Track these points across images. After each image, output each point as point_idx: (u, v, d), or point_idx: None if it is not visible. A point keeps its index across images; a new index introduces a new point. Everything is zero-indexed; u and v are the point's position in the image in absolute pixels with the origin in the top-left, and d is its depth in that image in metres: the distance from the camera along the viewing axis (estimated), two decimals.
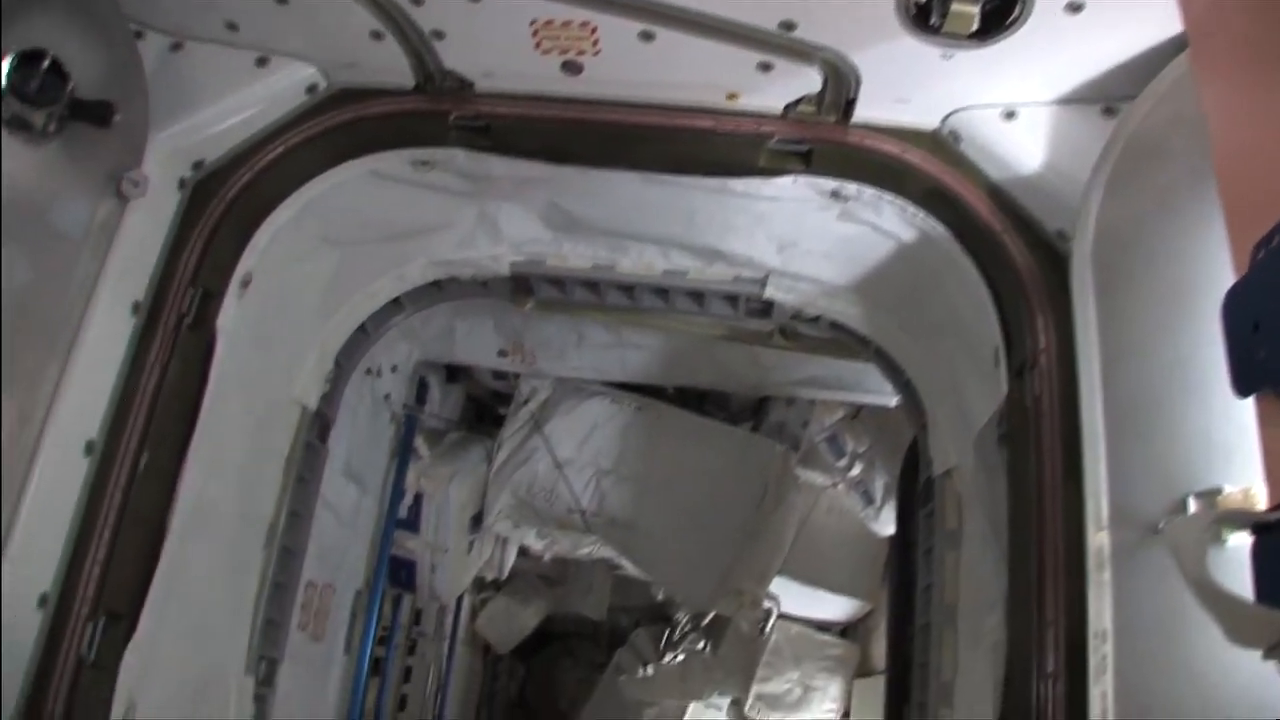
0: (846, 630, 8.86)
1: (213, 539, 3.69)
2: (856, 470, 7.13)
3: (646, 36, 3.25)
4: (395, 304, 4.76)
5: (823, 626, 8.74)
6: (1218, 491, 2.44)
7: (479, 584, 8.89)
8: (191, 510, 3.40)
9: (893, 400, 6.25)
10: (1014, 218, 3.44)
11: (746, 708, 8.56)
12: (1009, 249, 3.42)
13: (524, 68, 3.52)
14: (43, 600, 2.94)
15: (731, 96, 3.57)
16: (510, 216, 4.40)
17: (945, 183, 3.56)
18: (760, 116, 3.61)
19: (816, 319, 4.62)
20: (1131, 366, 2.85)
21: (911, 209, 3.69)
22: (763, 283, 4.40)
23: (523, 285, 4.73)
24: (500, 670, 10.54)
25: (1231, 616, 1.79)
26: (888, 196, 3.70)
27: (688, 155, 3.72)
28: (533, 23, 3.29)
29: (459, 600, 8.40)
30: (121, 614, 3.12)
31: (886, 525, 7.20)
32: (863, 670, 8.58)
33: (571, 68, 3.47)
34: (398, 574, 6.96)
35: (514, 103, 3.70)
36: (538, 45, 3.38)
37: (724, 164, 3.73)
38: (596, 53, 3.39)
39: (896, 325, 4.45)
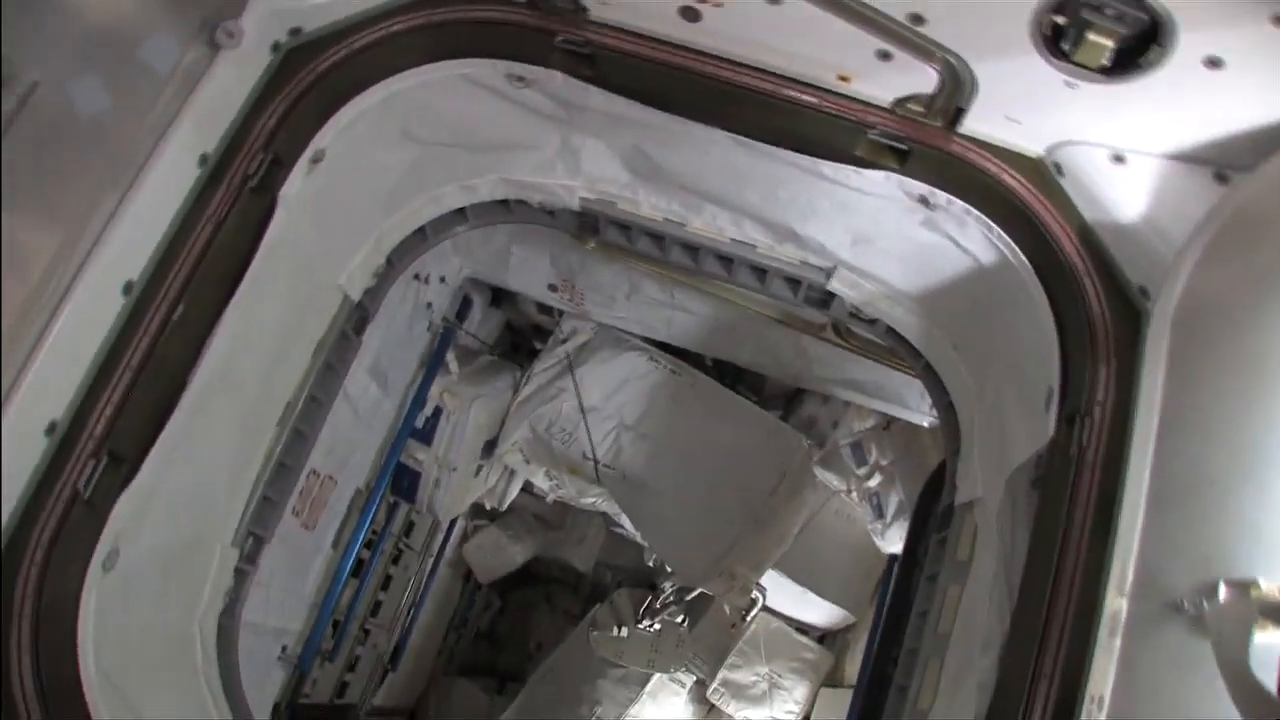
0: (824, 637, 8.84)
1: (229, 406, 3.66)
2: (874, 481, 7.04)
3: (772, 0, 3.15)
4: (459, 214, 4.69)
5: (802, 628, 8.75)
6: (1253, 583, 2.34)
7: (476, 510, 8.91)
8: (214, 372, 3.38)
9: (927, 420, 6.19)
10: (1099, 262, 3.34)
11: (709, 690, 8.57)
12: (1087, 293, 3.32)
13: (642, 1, 3.43)
14: (51, 428, 2.92)
15: (843, 78, 3.47)
16: (593, 151, 4.32)
17: (1037, 212, 3.45)
18: (867, 105, 3.51)
19: (874, 321, 4.53)
20: (1190, 438, 2.75)
21: (997, 231, 3.59)
22: (829, 273, 4.30)
23: (589, 223, 4.66)
24: (477, 599, 10.57)
25: (1258, 710, 1.71)
26: (975, 213, 3.60)
27: (786, 128, 3.64)
28: None
29: (452, 522, 8.40)
30: (124, 458, 3.10)
31: (891, 543, 7.12)
32: (832, 680, 8.56)
33: (690, 14, 3.38)
34: (400, 482, 6.96)
35: (624, 36, 3.61)
36: None
37: (820, 145, 3.66)
38: (719, 3, 3.30)
39: (951, 345, 4.34)
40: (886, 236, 4.02)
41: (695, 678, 8.90)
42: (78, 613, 2.98)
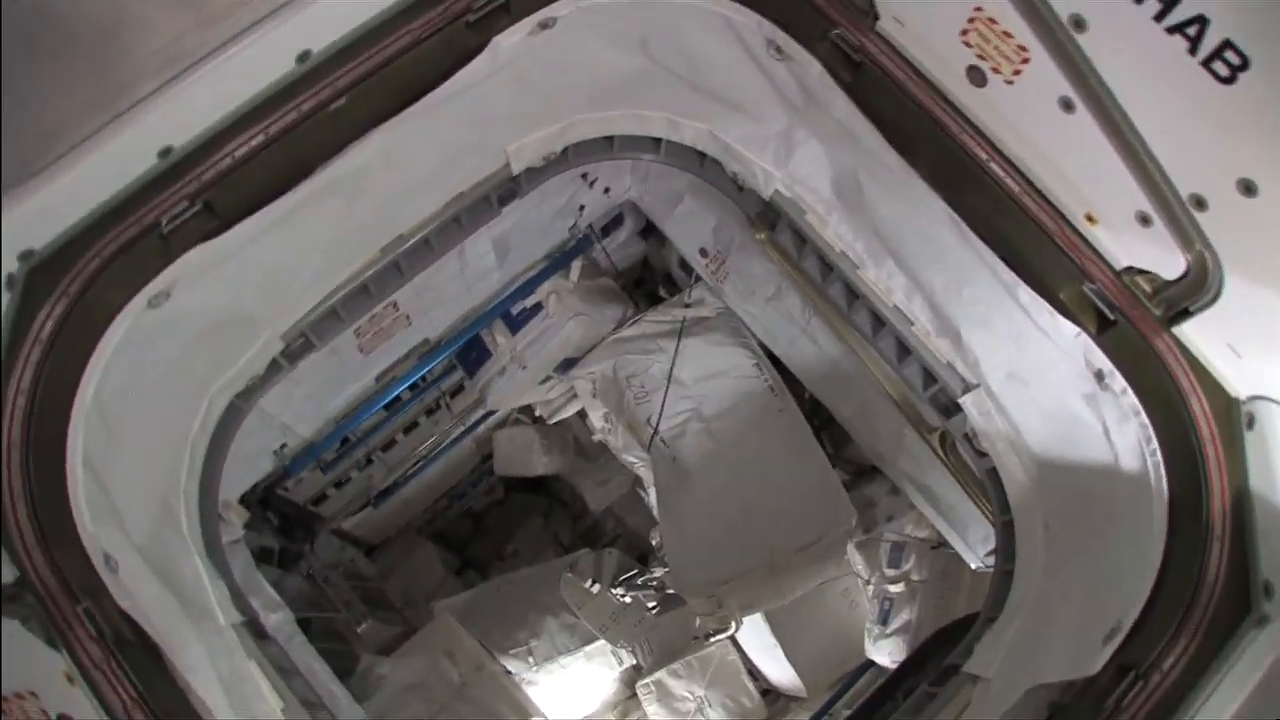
0: (769, 693, 8.61)
1: (342, 213, 3.59)
2: (895, 589, 6.77)
3: (1066, 105, 2.88)
4: (653, 142, 4.51)
5: (754, 674, 8.52)
6: None
7: (523, 407, 8.83)
8: (345, 176, 3.30)
9: (977, 563, 5.89)
10: (1238, 535, 3.05)
11: (640, 682, 8.44)
12: (1210, 558, 3.05)
13: (936, 41, 3.18)
14: (165, 152, 2.91)
15: (1090, 219, 3.21)
16: (810, 154, 4.11)
17: (1205, 451, 3.17)
18: (1099, 258, 3.27)
19: (983, 455, 4.25)
20: None
21: (1154, 446, 3.31)
22: (969, 389, 4.03)
23: (769, 216, 4.46)
24: (483, 483, 10.59)
25: None
26: (1144, 419, 3.32)
27: (1007, 234, 3.44)
28: (977, 10, 2.95)
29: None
30: (218, 214, 3.05)
31: (878, 652, 6.90)
32: None
33: (977, 77, 3.13)
34: (468, 354, 6.89)
35: (899, 63, 3.40)
36: (964, 34, 3.05)
37: (1030, 268, 3.42)
38: (1010, 80, 3.04)
39: (1044, 521, 4.05)
40: (1043, 388, 3.74)
41: (634, 663, 8.76)
42: (105, 331, 2.92)
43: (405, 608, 9.20)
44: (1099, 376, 3.40)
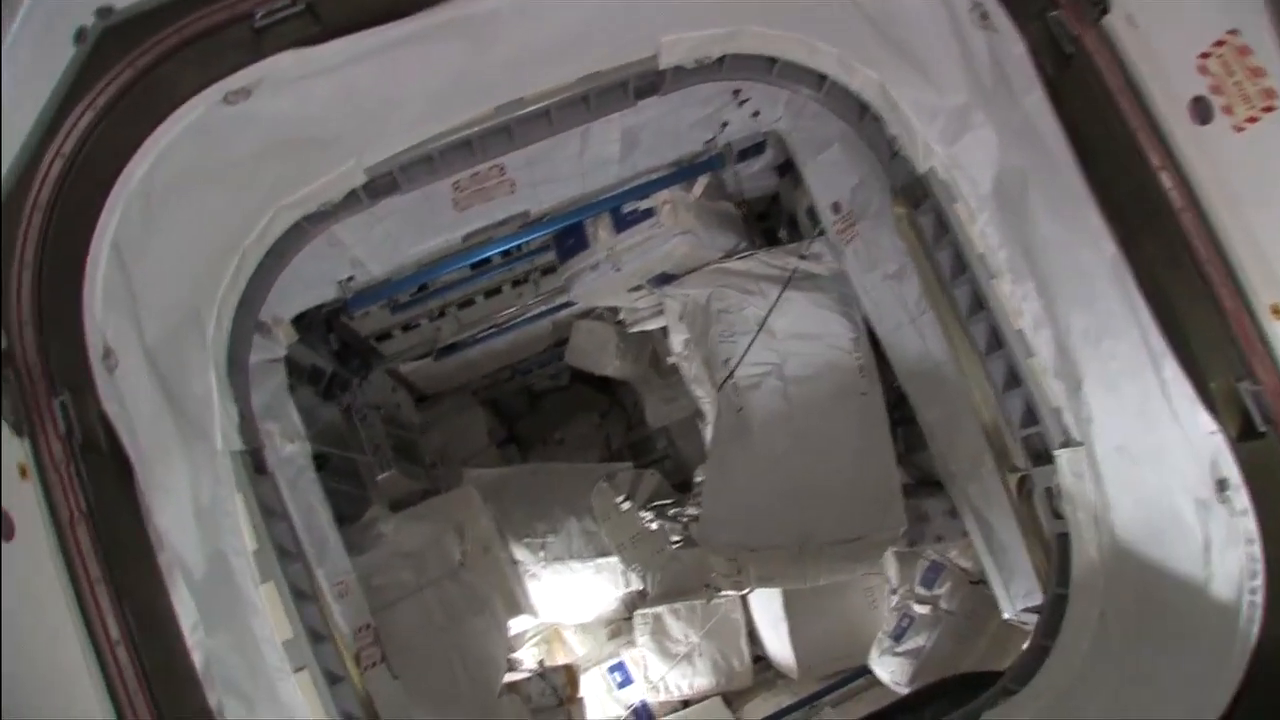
0: (760, 660, 8.40)
1: (469, 50, 3.31)
2: (920, 609, 6.43)
3: None
4: (818, 79, 4.11)
5: (753, 638, 8.32)
6: None
7: (608, 307, 8.58)
8: (479, 9, 3.07)
9: (1011, 614, 5.52)
10: None
11: (639, 610, 8.33)
12: None
13: (1167, 56, 2.84)
14: None
15: (1276, 312, 2.76)
16: (979, 140, 3.70)
17: None
18: (1271, 358, 2.86)
19: (1059, 517, 3.87)
20: None
21: (1259, 584, 3.02)
22: (1069, 443, 3.68)
23: (914, 192, 4.14)
24: (549, 367, 10.47)
25: None
26: (1257, 549, 3.00)
27: (1174, 297, 3.15)
28: (1231, 33, 2.49)
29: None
30: (322, 21, 2.78)
31: (881, 665, 6.65)
32: (729, 698, 8.21)
33: (1201, 110, 2.74)
34: (566, 239, 6.59)
35: (1114, 70, 3.01)
36: (1204, 57, 2.67)
37: (1188, 342, 3.14)
38: (1241, 127, 2.69)
39: (1100, 610, 3.66)
40: (1153, 474, 3.35)
41: (641, 589, 8.61)
42: (169, 114, 2.66)
43: (436, 466, 9.14)
44: (1221, 486, 2.99)
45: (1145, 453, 3.32)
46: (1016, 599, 5.48)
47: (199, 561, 3.02)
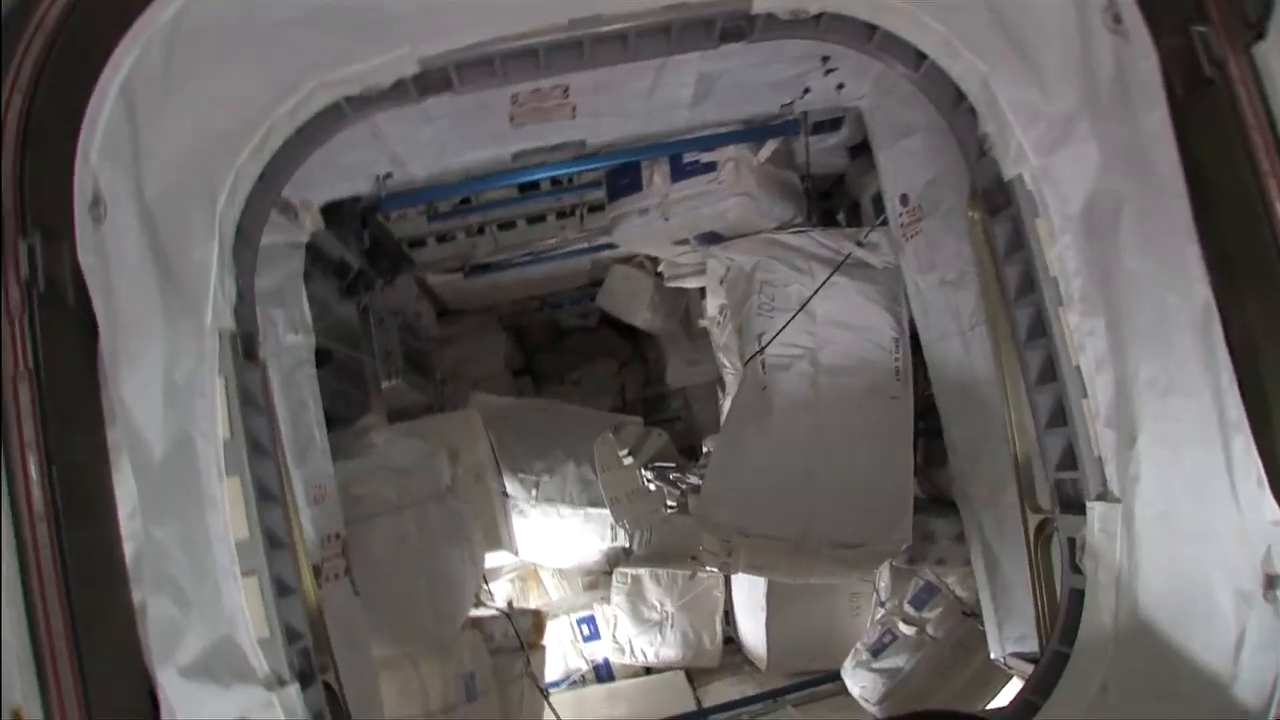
0: (731, 642, 8.28)
1: None
2: (905, 629, 6.20)
3: None
4: (918, 56, 3.75)
5: (729, 619, 8.19)
6: None
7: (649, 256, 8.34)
8: None
9: (999, 655, 5.29)
10: None
11: (620, 567, 8.22)
12: None
13: None
14: None
15: None
16: (1079, 154, 3.37)
17: None
18: None
19: (1079, 572, 3.60)
20: None
21: None
22: (1106, 497, 3.39)
23: (994, 198, 3.83)
24: (580, 305, 10.38)
25: None
26: None
27: (1264, 369, 2.90)
28: None
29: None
30: None
31: (854, 679, 6.42)
32: (692, 674, 8.09)
33: None
34: (619, 178, 6.31)
35: (1258, 105, 2.70)
36: None
37: (1269, 421, 2.83)
38: None
39: (1103, 682, 3.40)
40: (1194, 552, 3.14)
41: (626, 546, 8.45)
42: None
43: (445, 383, 9.00)
44: (1271, 583, 2.72)
45: (1192, 528, 3.05)
46: (1008, 641, 5.23)
47: (160, 442, 2.81)
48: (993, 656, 5.39)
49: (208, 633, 2.88)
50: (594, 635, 8.27)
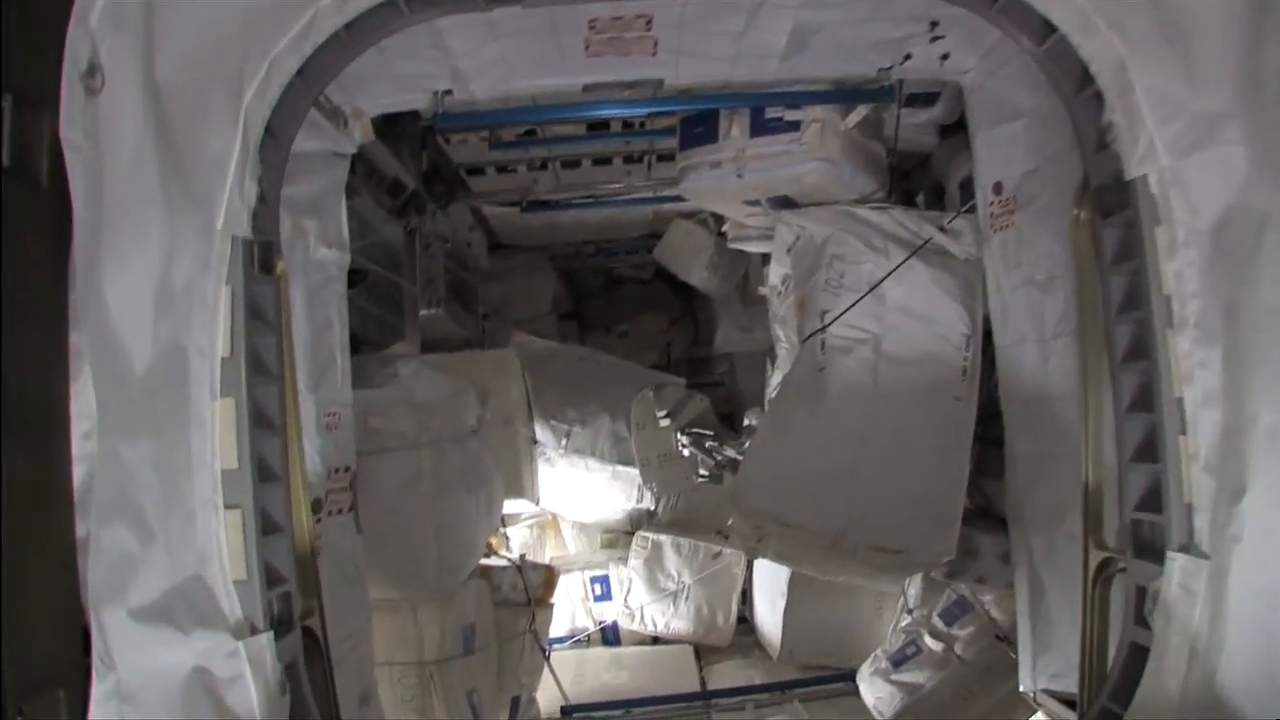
0: (745, 621, 8.05)
1: None
2: (931, 643, 5.86)
3: None
4: (1043, 28, 3.35)
5: (745, 598, 7.97)
6: None
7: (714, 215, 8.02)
8: None
9: (1028, 689, 4.94)
10: None
11: (641, 530, 7.99)
12: None
13: None
14: None
15: None
16: (1221, 160, 2.98)
17: None
18: None
19: (1145, 626, 3.21)
20: None
21: None
22: (1191, 550, 3.02)
23: (1108, 198, 3.39)
24: (637, 255, 10.15)
25: None
26: None
27: None
28: None
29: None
30: None
31: (867, 684, 6.18)
32: (700, 651, 7.87)
33: None
34: (694, 126, 5.91)
35: None
36: None
37: None
38: None
39: None
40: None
41: (651, 510, 8.19)
42: None
43: (488, 318, 8.76)
44: None
45: None
46: (1041, 676, 4.86)
47: (144, 352, 2.52)
48: (1021, 689, 5.01)
49: (173, 570, 2.60)
50: (606, 595, 8.05)
